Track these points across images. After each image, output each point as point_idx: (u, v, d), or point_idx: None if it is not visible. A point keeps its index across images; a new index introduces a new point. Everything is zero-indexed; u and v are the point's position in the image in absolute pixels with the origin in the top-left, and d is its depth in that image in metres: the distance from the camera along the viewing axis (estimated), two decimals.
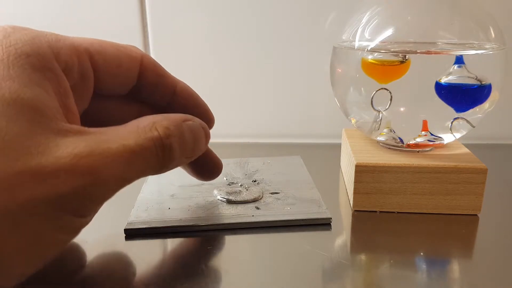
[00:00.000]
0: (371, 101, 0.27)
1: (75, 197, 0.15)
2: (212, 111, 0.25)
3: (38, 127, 0.15)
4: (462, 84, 0.25)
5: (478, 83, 0.25)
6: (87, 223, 0.17)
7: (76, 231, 0.17)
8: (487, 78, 0.25)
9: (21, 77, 0.16)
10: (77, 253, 0.23)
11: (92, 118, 0.21)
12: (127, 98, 0.23)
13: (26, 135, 0.15)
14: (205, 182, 0.30)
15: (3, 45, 0.16)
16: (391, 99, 0.26)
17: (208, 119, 0.24)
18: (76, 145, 0.15)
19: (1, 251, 0.14)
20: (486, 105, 0.26)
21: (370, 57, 0.26)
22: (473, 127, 0.27)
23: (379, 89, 0.26)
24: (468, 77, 0.25)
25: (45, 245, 0.16)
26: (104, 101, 0.22)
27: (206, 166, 0.26)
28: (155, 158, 0.18)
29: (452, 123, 0.27)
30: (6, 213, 0.14)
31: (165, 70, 0.23)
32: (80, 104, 0.20)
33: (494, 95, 0.26)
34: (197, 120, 0.21)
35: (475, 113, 0.26)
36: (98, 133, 0.17)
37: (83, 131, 0.16)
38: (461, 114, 0.26)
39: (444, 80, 0.25)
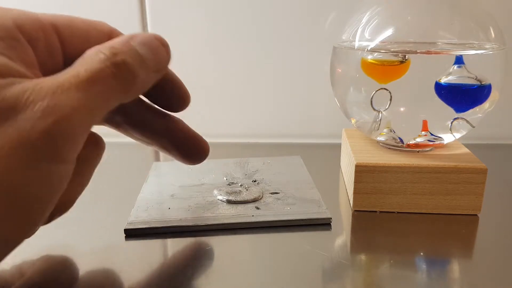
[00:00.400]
0: (371, 101, 0.27)
1: (43, 140, 0.15)
2: (212, 112, 0.25)
3: None
4: (462, 84, 0.25)
5: (478, 83, 0.25)
6: (71, 170, 0.17)
7: (63, 180, 0.16)
8: (487, 78, 0.25)
9: None
10: (77, 253, 0.23)
11: None
12: None
13: None
14: (205, 182, 0.30)
15: None
16: (390, 99, 0.26)
17: (184, 96, 0.23)
18: (28, 89, 0.15)
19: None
20: (486, 105, 0.26)
21: (369, 57, 0.26)
22: (473, 127, 0.27)
23: (379, 89, 0.26)
24: (468, 77, 0.25)
25: (32, 202, 0.15)
26: None
27: (189, 146, 0.24)
28: (113, 78, 0.17)
29: (452, 123, 0.27)
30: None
31: None
32: None
33: (494, 95, 0.26)
34: (146, 33, 0.20)
35: (475, 113, 0.26)
36: (50, 77, 0.16)
37: (34, 78, 0.16)
38: (461, 114, 0.26)
39: (444, 80, 0.25)
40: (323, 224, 0.25)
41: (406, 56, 0.25)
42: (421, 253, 0.23)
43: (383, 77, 0.26)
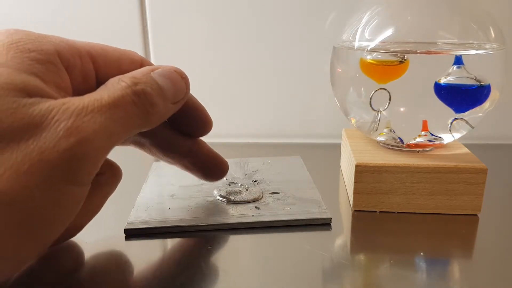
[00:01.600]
0: (370, 101, 0.27)
1: (63, 159, 0.15)
2: (212, 112, 0.25)
3: (23, 104, 0.15)
4: (461, 84, 0.25)
5: (477, 83, 0.25)
6: (85, 193, 0.17)
7: (77, 203, 0.17)
8: (486, 78, 0.25)
9: (19, 65, 0.16)
10: (77, 253, 0.23)
11: None
12: None
13: (10, 111, 0.15)
14: (205, 182, 0.30)
15: (5, 44, 0.17)
16: (389, 99, 0.26)
17: (205, 121, 0.24)
18: (55, 108, 0.16)
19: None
20: (486, 104, 0.26)
21: (368, 57, 0.26)
22: (472, 127, 0.27)
23: (378, 89, 0.26)
24: (467, 77, 0.25)
25: (45, 222, 0.15)
26: None
27: (210, 166, 0.26)
28: (133, 105, 0.18)
29: (451, 123, 0.27)
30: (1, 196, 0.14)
31: None
32: None
33: (494, 94, 0.26)
34: (166, 66, 0.21)
35: (476, 113, 0.26)
36: (75, 98, 0.17)
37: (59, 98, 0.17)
38: (460, 115, 0.26)
39: (443, 80, 0.25)
40: (323, 224, 0.25)
41: (405, 56, 0.25)
42: (421, 253, 0.23)
43: (382, 77, 0.26)
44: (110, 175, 0.22)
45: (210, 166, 0.26)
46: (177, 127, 0.24)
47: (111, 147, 0.17)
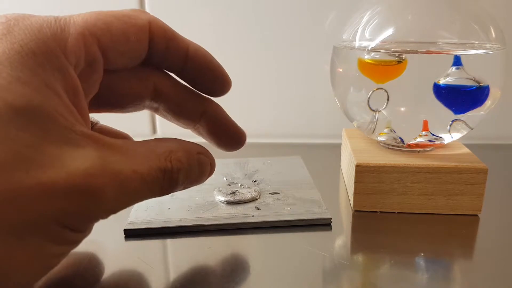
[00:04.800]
0: (368, 101, 0.27)
1: (79, 215, 0.15)
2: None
3: (50, 136, 0.15)
4: (460, 85, 0.25)
5: (476, 84, 0.25)
6: (84, 237, 0.17)
7: (74, 244, 0.17)
8: (486, 79, 0.25)
9: (31, 80, 0.15)
10: (76, 253, 0.23)
11: (104, 100, 0.20)
12: (138, 69, 0.21)
13: (37, 145, 0.14)
14: (205, 182, 0.30)
15: (7, 41, 0.15)
16: (387, 99, 0.26)
17: (224, 81, 0.23)
18: (90, 161, 0.15)
19: (5, 266, 0.14)
20: (487, 103, 0.26)
21: (367, 57, 0.26)
22: (471, 129, 0.27)
23: (376, 89, 0.26)
24: (466, 78, 0.25)
25: (44, 260, 0.15)
26: (114, 77, 0.20)
27: (224, 133, 0.24)
28: (159, 188, 0.18)
29: (450, 125, 0.27)
30: (11, 230, 0.13)
31: (176, 32, 0.21)
32: (90, 90, 0.19)
33: (495, 94, 0.26)
34: (209, 155, 0.21)
35: (477, 111, 0.26)
36: (113, 148, 0.16)
37: (97, 140, 0.16)
38: (460, 116, 0.26)
39: (442, 81, 0.25)
40: (323, 225, 0.25)
41: (403, 56, 0.25)
42: (422, 254, 0.23)
43: (380, 77, 0.26)
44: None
45: (225, 133, 0.24)
46: (193, 86, 0.23)
47: (118, 210, 0.17)
